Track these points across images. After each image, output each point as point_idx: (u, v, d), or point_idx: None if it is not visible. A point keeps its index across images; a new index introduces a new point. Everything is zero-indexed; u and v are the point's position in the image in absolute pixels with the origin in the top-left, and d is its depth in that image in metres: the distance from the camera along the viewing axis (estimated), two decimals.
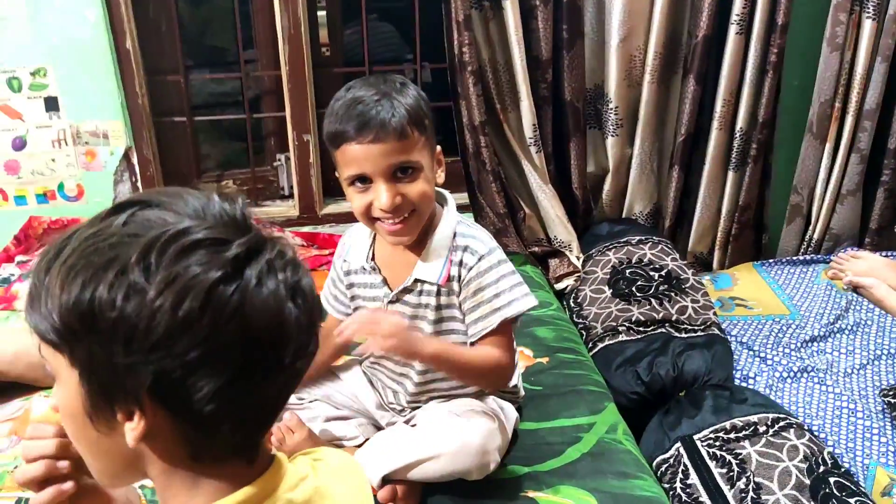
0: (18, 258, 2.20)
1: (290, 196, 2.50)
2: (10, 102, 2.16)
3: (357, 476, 0.83)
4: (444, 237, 1.29)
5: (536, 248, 2.32)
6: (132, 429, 0.62)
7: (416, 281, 1.31)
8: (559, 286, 2.25)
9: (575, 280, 2.24)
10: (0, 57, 2.11)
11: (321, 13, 2.29)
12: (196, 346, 0.59)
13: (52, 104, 2.19)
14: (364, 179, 1.22)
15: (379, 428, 1.49)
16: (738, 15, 2.15)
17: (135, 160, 2.29)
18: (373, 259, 1.36)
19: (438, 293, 1.31)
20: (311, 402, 1.48)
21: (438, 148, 1.29)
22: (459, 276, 1.29)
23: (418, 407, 1.43)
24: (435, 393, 1.41)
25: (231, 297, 0.60)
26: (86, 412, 0.64)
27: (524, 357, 1.77)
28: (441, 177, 1.30)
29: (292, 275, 0.65)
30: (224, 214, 0.64)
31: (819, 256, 2.41)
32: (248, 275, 0.61)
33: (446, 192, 1.34)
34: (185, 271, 0.59)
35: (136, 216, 0.62)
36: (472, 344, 1.31)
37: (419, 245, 1.30)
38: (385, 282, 1.35)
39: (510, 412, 1.46)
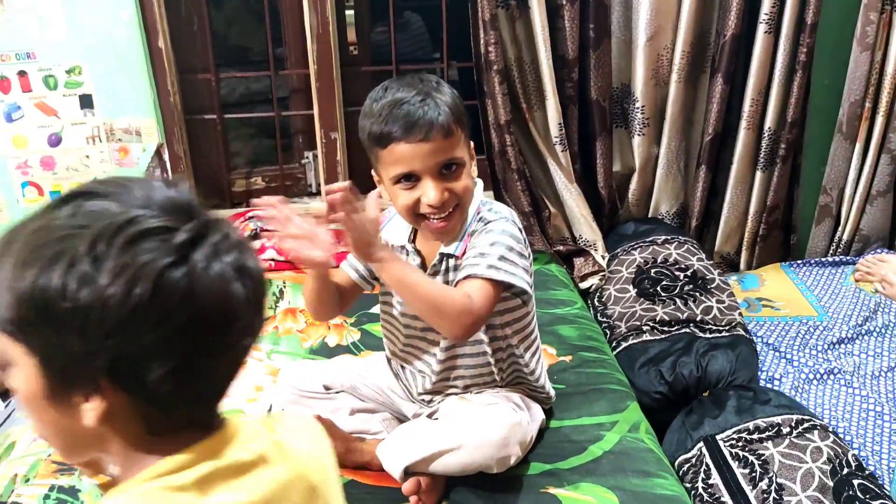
0: None
1: (318, 193, 2.53)
2: (47, 100, 2.21)
3: (317, 433, 0.85)
4: (469, 214, 1.33)
5: (561, 247, 2.32)
6: (91, 409, 0.64)
7: (442, 257, 1.33)
8: (584, 285, 2.25)
9: (600, 279, 2.24)
10: (37, 55, 2.16)
11: (349, 12, 2.31)
12: (149, 331, 0.62)
13: (86, 101, 2.24)
14: (410, 177, 1.25)
15: (403, 422, 1.50)
16: (766, 14, 2.13)
17: (166, 157, 2.33)
18: (413, 241, 1.38)
19: (457, 268, 1.33)
20: (336, 392, 1.50)
21: (472, 143, 1.32)
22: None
23: (442, 392, 1.44)
24: (459, 374, 1.42)
25: (180, 282, 0.62)
26: (44, 396, 0.66)
27: (547, 355, 1.78)
28: (474, 170, 1.33)
29: (238, 256, 0.67)
30: (170, 202, 0.66)
31: (848, 258, 2.39)
32: (195, 259, 0.64)
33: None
34: (134, 259, 0.61)
35: (82, 207, 0.64)
36: None
37: None
38: (423, 264, 1.37)
39: (537, 412, 1.47)
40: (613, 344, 1.95)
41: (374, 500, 1.37)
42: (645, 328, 1.94)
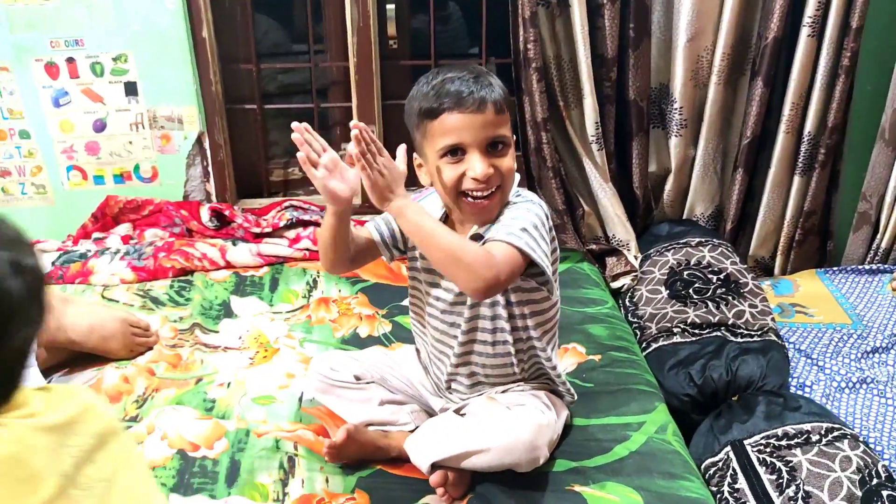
0: (95, 235, 2.31)
1: None
2: (93, 86, 2.26)
3: (92, 395, 0.87)
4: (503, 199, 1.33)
5: (594, 246, 2.32)
6: None
7: (472, 238, 1.32)
8: (615, 285, 2.25)
9: (632, 279, 2.24)
10: (86, 42, 2.21)
11: (390, 6, 2.33)
12: None
13: (131, 89, 2.28)
14: (456, 151, 1.26)
15: (431, 415, 1.52)
16: (810, 17, 2.11)
17: (206, 145, 2.37)
18: (446, 222, 1.39)
19: None
20: (367, 383, 1.52)
21: (514, 136, 1.34)
22: None
23: (459, 381, 1.45)
24: (480, 361, 1.42)
25: None
26: None
27: (576, 353, 1.79)
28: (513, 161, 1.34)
29: (14, 252, 0.68)
30: None
31: (886, 266, 2.36)
32: None
33: None
34: None
35: None
36: None
37: None
38: None
39: (563, 410, 1.48)
40: (643, 345, 1.95)
41: (401, 490, 1.40)
42: (676, 330, 1.94)
